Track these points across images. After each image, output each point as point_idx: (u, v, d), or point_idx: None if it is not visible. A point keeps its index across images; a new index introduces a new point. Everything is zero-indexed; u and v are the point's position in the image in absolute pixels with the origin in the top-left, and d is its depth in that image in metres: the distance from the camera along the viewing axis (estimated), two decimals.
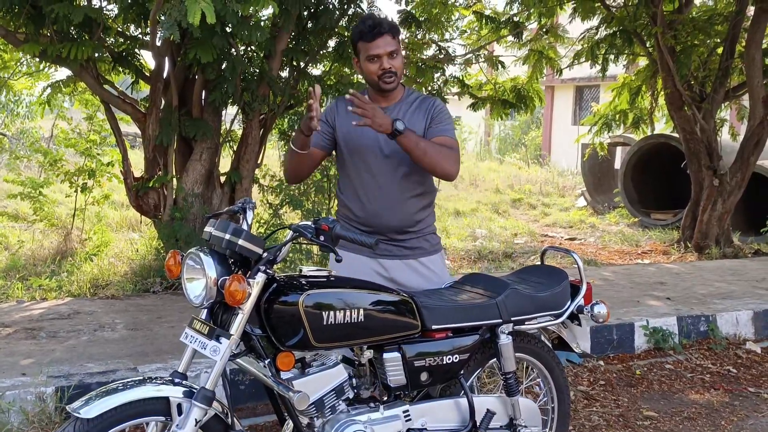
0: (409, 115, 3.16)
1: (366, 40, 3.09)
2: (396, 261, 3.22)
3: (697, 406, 4.49)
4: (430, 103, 3.22)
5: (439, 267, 3.33)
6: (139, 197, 6.66)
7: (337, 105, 3.29)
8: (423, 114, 3.18)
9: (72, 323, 5.10)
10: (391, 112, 3.15)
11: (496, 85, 9.29)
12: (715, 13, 9.76)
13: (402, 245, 3.22)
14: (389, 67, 3.08)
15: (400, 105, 3.21)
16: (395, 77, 3.12)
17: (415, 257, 3.25)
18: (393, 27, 3.12)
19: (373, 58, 3.09)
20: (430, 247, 3.30)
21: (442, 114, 3.20)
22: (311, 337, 2.55)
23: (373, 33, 3.07)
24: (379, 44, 3.07)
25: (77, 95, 7.93)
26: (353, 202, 3.20)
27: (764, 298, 6.50)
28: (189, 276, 2.55)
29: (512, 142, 26.96)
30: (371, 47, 3.08)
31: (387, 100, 3.21)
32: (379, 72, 3.09)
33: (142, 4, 5.47)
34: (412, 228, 3.22)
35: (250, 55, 6.81)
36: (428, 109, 3.19)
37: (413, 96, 3.27)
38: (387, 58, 3.08)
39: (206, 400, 2.42)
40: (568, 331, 3.37)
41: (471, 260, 9.05)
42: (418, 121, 3.16)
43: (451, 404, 2.96)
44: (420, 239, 3.25)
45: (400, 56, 3.14)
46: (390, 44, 3.08)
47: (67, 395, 3.73)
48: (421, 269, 3.25)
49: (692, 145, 9.70)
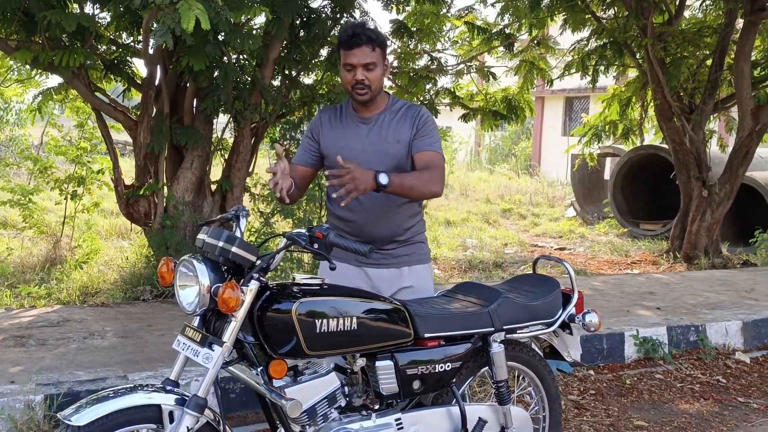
0: (394, 124, 3.14)
1: (344, 48, 3.05)
2: (382, 270, 3.19)
3: (687, 416, 4.51)
4: (415, 111, 3.18)
5: (425, 276, 3.29)
6: (129, 205, 6.64)
7: (321, 118, 3.26)
8: (409, 123, 3.14)
9: (61, 331, 5.07)
10: (375, 122, 3.15)
11: (487, 95, 9.33)
12: (704, 26, 9.84)
13: (389, 253, 3.19)
14: (362, 78, 3.02)
15: (383, 114, 3.17)
16: (368, 90, 3.05)
17: (401, 266, 3.22)
18: (373, 39, 3.03)
19: (348, 68, 3.05)
20: (418, 256, 3.28)
21: (428, 125, 3.15)
22: (304, 345, 2.54)
23: (350, 42, 3.02)
24: (356, 54, 3.02)
25: (68, 102, 7.91)
26: (342, 212, 3.17)
27: (753, 308, 6.53)
28: (182, 283, 2.55)
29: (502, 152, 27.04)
30: (347, 56, 3.04)
31: (369, 110, 3.17)
32: (352, 82, 3.05)
33: (135, 12, 5.47)
34: (401, 237, 3.20)
35: (242, 63, 6.81)
36: (414, 118, 3.15)
37: (398, 104, 3.22)
38: (361, 69, 3.02)
39: (198, 408, 2.42)
40: (560, 340, 3.38)
41: (462, 270, 9.06)
42: (403, 129, 3.13)
43: (443, 412, 2.96)
44: (408, 247, 3.23)
45: (378, 69, 3.05)
46: (367, 56, 3.02)
47: (56, 403, 3.71)
48: (405, 279, 3.21)
49: (681, 156, 9.76)
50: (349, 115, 3.21)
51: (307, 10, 6.48)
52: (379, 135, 3.13)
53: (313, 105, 7.11)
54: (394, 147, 3.12)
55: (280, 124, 7.43)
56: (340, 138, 3.17)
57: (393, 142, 3.12)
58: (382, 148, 3.11)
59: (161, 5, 4.37)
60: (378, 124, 3.15)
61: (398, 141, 3.12)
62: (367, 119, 3.17)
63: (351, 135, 3.16)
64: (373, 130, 3.15)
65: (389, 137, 3.12)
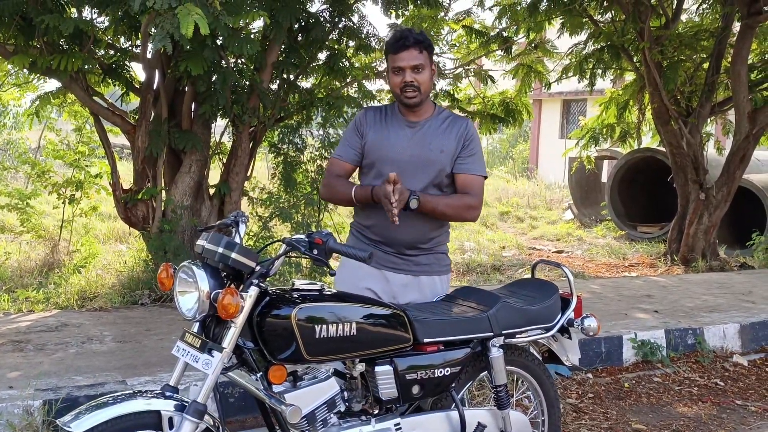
0: (440, 134, 3.17)
1: (392, 51, 3.11)
2: (401, 275, 3.21)
3: (685, 419, 4.51)
4: (462, 125, 3.20)
5: (442, 288, 3.30)
6: (127, 209, 6.64)
7: (366, 115, 3.28)
8: (455, 137, 3.17)
9: (60, 335, 5.07)
10: (420, 127, 3.18)
11: (485, 98, 9.35)
12: (701, 29, 9.87)
13: (410, 260, 3.20)
14: (411, 80, 3.08)
15: (430, 121, 3.20)
16: (418, 92, 3.10)
17: (421, 274, 3.23)
18: (421, 41, 3.10)
19: (397, 71, 3.11)
20: (439, 266, 3.29)
21: (474, 142, 3.20)
22: (303, 350, 2.55)
23: (397, 45, 3.08)
24: (404, 57, 3.07)
25: (66, 106, 7.91)
26: (370, 211, 3.18)
27: (750, 311, 6.55)
28: (181, 289, 2.55)
29: (500, 155, 27.09)
30: (395, 59, 3.10)
31: (416, 115, 3.20)
32: (401, 85, 3.10)
33: (133, 17, 5.48)
34: (424, 245, 3.21)
35: (241, 67, 6.82)
36: (461, 133, 3.18)
37: (444, 114, 3.26)
38: (410, 72, 3.08)
39: (198, 414, 2.42)
40: (558, 344, 3.39)
41: (460, 273, 9.06)
42: (448, 141, 3.16)
43: (443, 417, 2.96)
44: (429, 256, 3.24)
45: (426, 71, 3.11)
46: (415, 58, 3.08)
47: (54, 408, 3.70)
48: (423, 287, 3.22)
49: (679, 159, 9.78)
50: (395, 116, 3.24)
51: (306, 14, 6.49)
52: (423, 141, 3.16)
53: (311, 109, 7.11)
54: (437, 156, 3.14)
55: (279, 128, 7.43)
56: (385, 138, 3.19)
57: (436, 150, 3.14)
58: (424, 155, 3.14)
59: (160, 10, 4.38)
60: (423, 130, 3.18)
61: (441, 150, 3.15)
62: (413, 123, 3.20)
63: (395, 136, 3.19)
64: (418, 134, 3.18)
65: (433, 145, 3.15)
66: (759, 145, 10.16)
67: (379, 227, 3.16)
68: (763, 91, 9.74)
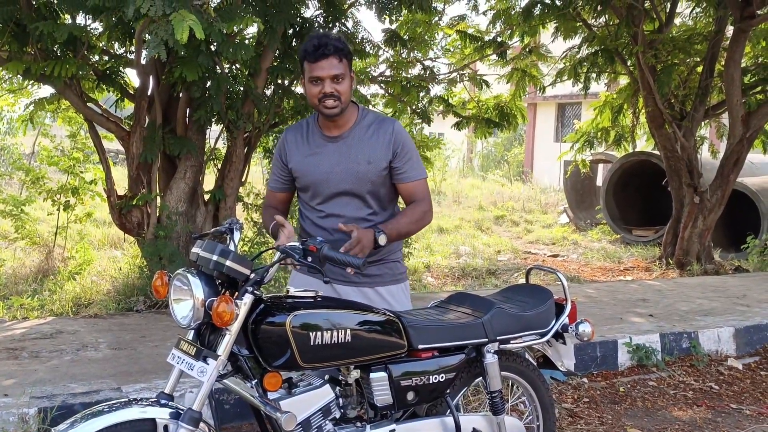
0: (365, 143, 3.04)
1: (309, 60, 2.94)
2: (350, 287, 3.10)
3: (680, 423, 4.52)
4: (389, 129, 3.05)
5: (398, 298, 3.19)
6: (122, 215, 6.63)
7: (286, 138, 3.16)
8: (383, 145, 3.03)
9: (54, 343, 5.05)
10: (344, 141, 3.05)
11: (479, 103, 9.37)
12: (694, 33, 9.91)
13: (365, 273, 3.03)
14: (331, 91, 2.92)
15: (353, 130, 3.06)
16: (339, 102, 2.95)
17: (373, 285, 3.14)
18: (340, 49, 2.93)
19: (315, 81, 2.94)
20: (392, 276, 3.20)
21: (406, 146, 3.05)
22: (298, 357, 2.55)
23: (316, 54, 2.91)
24: (323, 66, 2.91)
25: (60, 113, 7.90)
26: (311, 229, 3.14)
27: (745, 314, 6.57)
28: (176, 297, 2.55)
29: (495, 158, 27.11)
30: (314, 68, 2.93)
31: (337, 127, 3.06)
32: (319, 95, 2.94)
33: (127, 23, 5.47)
34: (373, 256, 3.03)
35: (235, 73, 6.82)
36: (389, 139, 3.03)
37: (369, 118, 3.10)
38: (330, 82, 2.92)
39: (193, 422, 2.41)
40: (553, 350, 3.39)
41: (455, 277, 9.07)
42: (376, 149, 3.03)
43: (438, 423, 2.96)
44: (381, 266, 3.14)
45: (347, 81, 2.96)
46: (335, 67, 2.92)
47: (50, 416, 3.69)
48: (376, 299, 3.11)
49: (673, 162, 9.81)
50: (315, 134, 3.10)
51: (300, 19, 6.49)
52: (348, 155, 3.03)
53: (306, 114, 7.11)
54: (365, 167, 3.02)
55: (273, 134, 7.43)
56: (309, 161, 3.07)
57: (364, 162, 3.02)
58: (351, 169, 3.02)
59: (154, 17, 4.38)
60: (347, 143, 3.05)
61: (369, 161, 3.02)
62: (335, 138, 3.06)
63: (319, 157, 3.06)
64: (342, 149, 3.05)
65: (359, 157, 3.03)
66: (753, 148, 10.20)
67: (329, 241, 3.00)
68: (757, 94, 9.80)
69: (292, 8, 6.12)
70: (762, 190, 10.98)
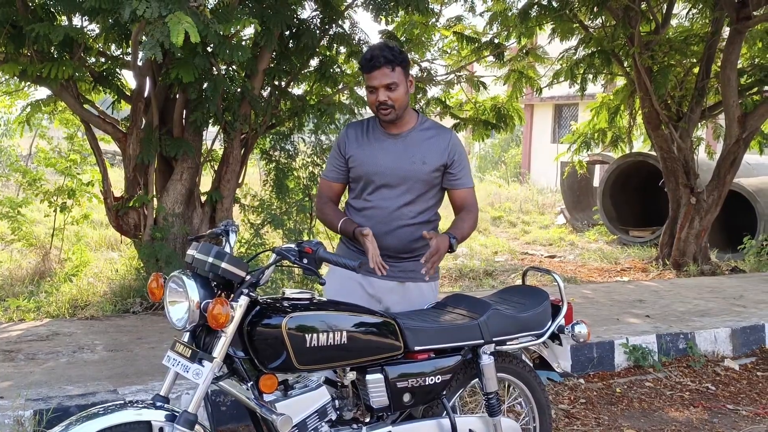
0: (423, 145, 3.20)
1: (365, 71, 3.14)
2: (385, 281, 3.21)
3: (677, 424, 4.53)
4: (447, 138, 3.24)
5: (428, 295, 3.31)
6: (119, 217, 6.62)
7: (347, 133, 3.31)
8: (440, 150, 3.21)
9: (51, 345, 5.05)
10: (403, 139, 3.21)
11: (477, 104, 9.37)
12: (691, 34, 9.92)
13: (397, 266, 3.21)
14: (385, 99, 3.10)
15: (412, 133, 3.23)
16: (392, 110, 3.13)
17: (406, 281, 3.25)
18: (391, 59, 3.10)
19: (371, 90, 3.14)
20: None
21: (461, 155, 3.25)
22: (294, 359, 2.55)
23: (370, 65, 3.10)
24: (375, 76, 3.09)
25: (57, 114, 7.89)
26: (356, 219, 3.22)
27: (742, 315, 6.57)
28: (172, 299, 2.55)
29: (492, 160, 27.10)
30: (369, 79, 3.13)
31: (397, 127, 3.23)
32: (375, 103, 3.13)
33: (124, 25, 5.47)
34: (409, 253, 3.23)
35: (232, 74, 6.81)
36: (446, 147, 3.22)
37: (428, 123, 3.30)
38: (383, 90, 3.09)
39: (189, 424, 2.42)
40: (549, 351, 3.40)
41: (452, 278, 9.07)
42: (432, 153, 3.20)
43: (434, 425, 2.96)
44: (416, 263, 3.22)
45: (401, 88, 3.12)
46: (387, 76, 3.09)
47: (45, 419, 3.69)
48: (408, 294, 3.24)
49: (669, 163, 9.82)
50: (377, 130, 3.28)
51: (296, 21, 6.49)
52: (406, 152, 3.19)
53: (303, 116, 7.12)
54: (419, 167, 3.18)
55: (270, 135, 7.43)
56: (367, 153, 3.23)
57: (419, 162, 3.18)
58: (406, 166, 3.18)
59: (150, 19, 4.38)
60: (406, 141, 3.21)
61: (424, 162, 3.18)
62: (395, 135, 3.23)
63: (378, 151, 3.22)
64: (400, 146, 3.21)
65: (416, 156, 3.18)
66: (749, 149, 10.21)
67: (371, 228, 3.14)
68: (753, 95, 9.81)
69: (288, 10, 6.12)
70: (758, 191, 11.00)
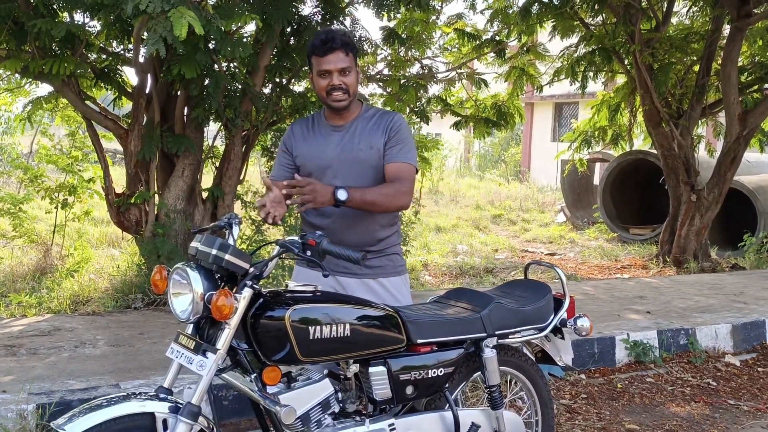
0: (367, 131, 3.13)
1: (318, 54, 3.04)
2: (353, 279, 3.16)
3: (678, 419, 4.54)
4: (389, 118, 3.16)
5: (399, 290, 3.25)
6: (120, 213, 6.63)
7: (293, 130, 3.26)
8: (382, 131, 3.13)
9: (53, 340, 5.05)
10: (347, 129, 3.14)
11: (477, 102, 9.37)
12: (691, 32, 9.92)
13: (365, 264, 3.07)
14: (339, 83, 3.03)
15: (356, 122, 3.17)
16: (346, 95, 3.06)
17: (375, 277, 3.18)
18: (347, 43, 3.05)
19: (324, 74, 3.04)
20: (392, 268, 3.24)
21: (400, 132, 3.12)
22: (297, 351, 2.55)
23: (324, 48, 3.01)
24: (330, 60, 3.02)
25: (59, 111, 7.89)
26: (314, 218, 3.17)
27: (742, 311, 6.58)
28: (175, 291, 2.55)
29: (492, 158, 27.11)
30: (322, 62, 3.03)
31: (342, 118, 3.16)
32: (327, 88, 3.05)
33: (125, 21, 5.47)
34: (374, 247, 3.16)
35: (233, 71, 6.82)
36: (387, 125, 3.13)
37: (371, 111, 3.22)
38: (337, 75, 3.03)
39: (192, 416, 2.42)
40: (551, 345, 3.41)
41: (452, 276, 9.07)
42: (376, 136, 3.12)
43: (436, 418, 2.97)
44: (382, 258, 3.19)
45: (353, 74, 3.07)
46: (342, 60, 3.02)
47: (48, 412, 3.69)
48: (379, 290, 3.17)
49: (670, 161, 9.82)
50: (322, 124, 3.21)
51: (298, 17, 6.49)
52: (352, 142, 3.12)
53: (304, 112, 7.12)
54: (367, 153, 3.10)
55: (271, 132, 7.44)
56: (313, 148, 3.16)
57: (365, 148, 3.11)
58: (353, 155, 3.11)
59: (152, 14, 4.38)
60: (350, 132, 3.14)
61: (371, 147, 3.11)
62: (340, 127, 3.16)
63: (323, 144, 3.16)
64: (346, 137, 3.14)
65: (362, 144, 3.11)
66: (750, 147, 10.21)
67: (329, 231, 3.02)
68: (753, 93, 9.82)
69: (290, 6, 6.12)
70: (759, 189, 11.00)
